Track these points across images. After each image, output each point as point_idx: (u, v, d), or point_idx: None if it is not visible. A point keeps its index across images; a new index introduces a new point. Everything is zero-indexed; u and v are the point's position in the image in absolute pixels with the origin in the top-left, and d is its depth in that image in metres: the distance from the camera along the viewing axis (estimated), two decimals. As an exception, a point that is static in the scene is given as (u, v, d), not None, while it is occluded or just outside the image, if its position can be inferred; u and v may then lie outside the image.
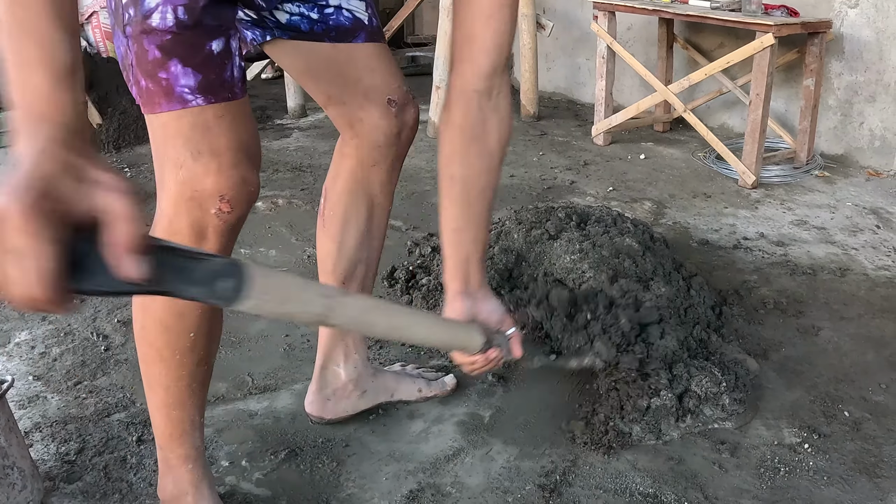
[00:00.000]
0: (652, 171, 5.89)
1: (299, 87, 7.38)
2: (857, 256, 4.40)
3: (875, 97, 5.85)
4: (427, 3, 8.63)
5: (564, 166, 5.98)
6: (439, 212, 2.05)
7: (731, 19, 5.43)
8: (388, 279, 3.96)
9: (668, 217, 4.96)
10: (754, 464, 2.75)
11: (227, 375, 3.25)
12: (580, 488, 2.62)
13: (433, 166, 5.93)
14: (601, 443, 2.78)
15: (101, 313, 3.74)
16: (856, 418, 2.99)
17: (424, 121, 6.96)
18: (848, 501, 2.57)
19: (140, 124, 6.50)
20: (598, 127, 6.50)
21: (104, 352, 3.43)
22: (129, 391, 3.15)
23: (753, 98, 5.36)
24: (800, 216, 4.99)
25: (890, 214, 5.00)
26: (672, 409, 2.87)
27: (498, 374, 3.21)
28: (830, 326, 3.66)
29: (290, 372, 3.28)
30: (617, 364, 2.90)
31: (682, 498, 2.57)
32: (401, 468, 2.71)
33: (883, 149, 5.86)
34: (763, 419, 2.98)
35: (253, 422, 2.96)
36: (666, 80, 6.50)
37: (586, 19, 7.10)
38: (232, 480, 2.66)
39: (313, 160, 6.10)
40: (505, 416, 3.00)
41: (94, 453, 2.79)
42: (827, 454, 2.79)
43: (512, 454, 2.78)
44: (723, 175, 5.75)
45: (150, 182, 5.55)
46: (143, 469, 2.71)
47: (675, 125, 6.94)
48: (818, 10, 5.96)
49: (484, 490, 2.61)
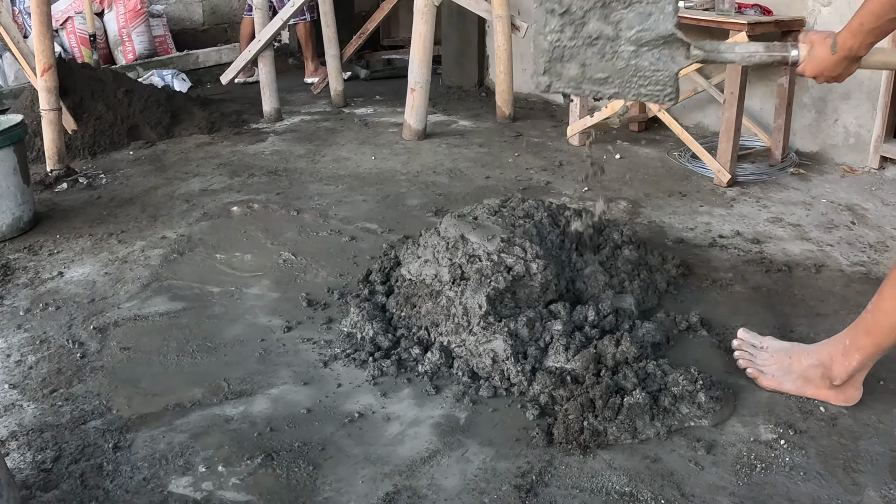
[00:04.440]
0: (627, 170, 5.89)
1: (275, 91, 7.38)
2: (833, 253, 4.41)
3: (849, 95, 5.86)
4: (403, 5, 8.62)
5: (540, 167, 5.98)
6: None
7: (705, 18, 5.44)
8: (364, 281, 3.96)
9: (644, 216, 4.96)
10: (731, 461, 2.75)
11: (202, 380, 3.24)
12: (556, 488, 2.62)
13: (409, 169, 5.95)
14: (577, 442, 2.78)
15: (76, 320, 3.73)
16: (832, 414, 2.99)
17: (399, 123, 6.96)
18: (825, 496, 2.58)
19: (115, 130, 6.48)
20: (573, 127, 6.49)
21: (80, 359, 3.42)
22: (106, 398, 3.13)
23: (728, 96, 5.36)
24: (775, 213, 4.99)
25: (865, 211, 5.01)
26: (647, 408, 2.88)
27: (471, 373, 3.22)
28: (806, 323, 3.67)
29: (265, 376, 3.27)
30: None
31: (659, 496, 2.58)
32: (377, 471, 2.71)
33: (857, 146, 5.87)
34: (739, 416, 2.98)
35: (229, 427, 2.95)
36: (641, 80, 6.49)
37: (561, 20, 7.08)
38: (208, 486, 2.65)
39: (289, 164, 6.08)
40: (481, 418, 2.99)
41: (70, 461, 2.78)
42: (803, 450, 2.80)
43: (488, 455, 2.78)
44: (698, 174, 5.76)
45: (126, 187, 5.54)
46: (120, 476, 2.70)
47: (650, 125, 6.94)
48: (791, 9, 5.97)
49: (460, 491, 2.61)
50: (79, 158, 6.21)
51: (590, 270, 3.71)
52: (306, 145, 6.63)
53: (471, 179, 5.72)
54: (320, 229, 4.76)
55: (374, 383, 3.21)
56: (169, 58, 9.37)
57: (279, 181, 5.69)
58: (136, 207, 5.18)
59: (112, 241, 4.63)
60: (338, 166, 6.05)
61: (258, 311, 3.82)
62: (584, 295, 3.63)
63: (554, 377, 3.07)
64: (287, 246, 4.50)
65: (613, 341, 3.22)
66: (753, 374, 3.18)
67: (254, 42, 7.25)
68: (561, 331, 3.27)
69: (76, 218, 5.01)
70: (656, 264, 4.00)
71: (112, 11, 9.08)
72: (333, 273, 4.20)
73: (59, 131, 5.83)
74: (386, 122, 7.36)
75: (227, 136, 6.91)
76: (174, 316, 3.79)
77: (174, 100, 7.21)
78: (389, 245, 4.34)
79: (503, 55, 7.14)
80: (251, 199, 5.27)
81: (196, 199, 5.31)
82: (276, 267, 4.28)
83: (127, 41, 9.06)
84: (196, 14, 10.47)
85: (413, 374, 3.27)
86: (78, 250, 4.51)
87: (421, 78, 6.56)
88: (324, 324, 3.69)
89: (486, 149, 6.48)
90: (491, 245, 3.55)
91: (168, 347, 3.51)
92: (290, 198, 5.32)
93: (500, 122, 7.35)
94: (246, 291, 4.02)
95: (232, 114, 7.51)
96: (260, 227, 4.79)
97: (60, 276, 4.19)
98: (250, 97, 7.99)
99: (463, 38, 8.79)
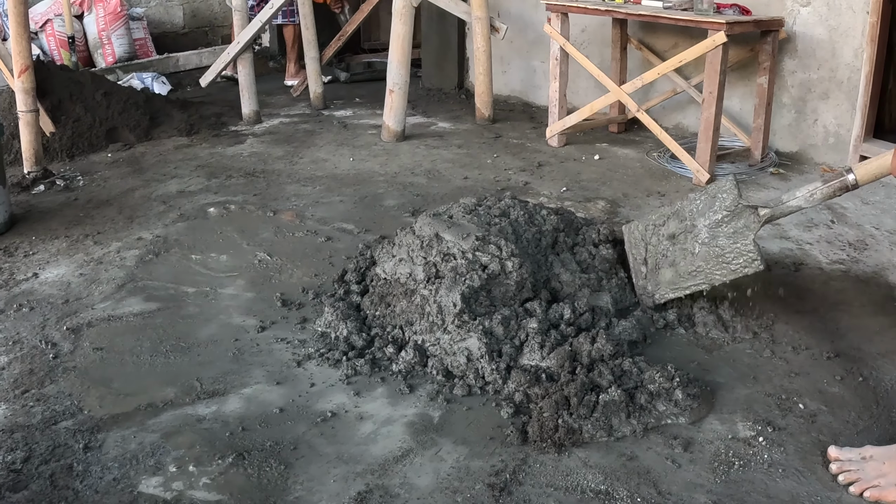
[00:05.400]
0: (606, 171, 5.89)
1: (254, 94, 7.35)
2: (812, 251, 4.41)
3: (828, 94, 5.87)
4: (383, 8, 8.60)
5: (519, 168, 5.97)
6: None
7: (683, 18, 5.43)
8: (339, 281, 3.94)
9: (622, 216, 4.95)
10: (708, 458, 2.74)
11: (175, 380, 3.21)
12: (531, 486, 2.60)
13: (387, 170, 5.93)
14: (552, 440, 2.76)
15: (50, 321, 3.70)
16: (811, 410, 2.99)
17: (379, 125, 6.94)
18: (804, 493, 2.57)
19: (93, 132, 6.44)
20: (553, 128, 6.49)
21: (52, 360, 3.39)
22: (77, 399, 3.10)
23: (706, 96, 5.36)
24: (754, 213, 4.99)
25: (844, 209, 5.01)
26: (623, 405, 2.86)
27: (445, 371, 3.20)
28: (785, 320, 3.66)
29: (239, 376, 3.25)
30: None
31: (635, 494, 2.56)
32: (349, 470, 2.68)
33: (837, 145, 5.88)
34: (717, 414, 2.97)
35: (201, 426, 2.93)
36: (620, 81, 6.49)
37: (541, 22, 7.08)
38: (179, 486, 2.62)
39: (267, 165, 6.06)
40: (455, 417, 2.98)
41: (40, 461, 2.75)
42: (782, 447, 2.79)
43: (461, 454, 2.76)
44: (677, 174, 5.75)
45: (103, 189, 5.50)
46: (90, 476, 2.67)
47: (630, 126, 6.94)
48: (770, 9, 5.97)
49: (433, 490, 2.59)
50: (56, 160, 6.17)
51: (566, 269, 3.70)
52: (285, 147, 6.60)
53: (449, 180, 5.71)
54: (296, 230, 4.74)
55: (347, 382, 3.19)
56: (149, 60, 9.32)
57: (257, 183, 5.66)
58: (112, 209, 5.15)
59: (88, 242, 4.60)
60: (316, 168, 6.03)
61: (232, 311, 3.80)
62: (561, 293, 3.61)
63: (529, 375, 3.05)
64: (263, 246, 4.48)
65: (589, 339, 3.21)
66: (874, 495, 2.58)
67: (233, 44, 7.23)
68: (536, 329, 3.25)
69: (53, 220, 4.97)
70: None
71: (92, 14, 9.03)
72: (309, 273, 4.17)
73: (37, 133, 5.80)
74: (365, 124, 7.35)
75: (205, 138, 6.88)
76: (148, 316, 3.76)
77: (153, 102, 7.18)
78: (365, 245, 4.32)
79: (482, 57, 7.13)
80: (228, 201, 5.24)
81: (173, 201, 5.28)
82: (251, 267, 4.26)
83: (107, 44, 9.01)
84: (176, 17, 10.43)
85: (387, 373, 3.26)
86: (53, 251, 4.47)
87: (399, 79, 6.54)
88: (298, 323, 3.67)
89: (464, 150, 6.47)
90: (466, 243, 3.53)
91: (141, 347, 3.48)
92: (267, 199, 5.29)
93: (479, 123, 7.35)
94: (221, 292, 3.99)
95: (211, 116, 7.48)
96: (236, 228, 4.77)
97: (35, 278, 4.15)
98: (230, 100, 7.96)
99: (443, 41, 8.79)
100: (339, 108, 8.10)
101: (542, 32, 6.57)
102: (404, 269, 3.61)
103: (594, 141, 6.65)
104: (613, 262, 3.84)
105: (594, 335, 3.23)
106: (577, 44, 6.91)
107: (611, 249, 3.89)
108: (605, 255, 3.84)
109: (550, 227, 3.85)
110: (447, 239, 3.58)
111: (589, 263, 3.80)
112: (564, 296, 3.60)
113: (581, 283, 3.64)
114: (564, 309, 3.42)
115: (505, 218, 3.78)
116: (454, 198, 4.78)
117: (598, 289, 3.67)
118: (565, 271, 3.67)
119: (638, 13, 5.79)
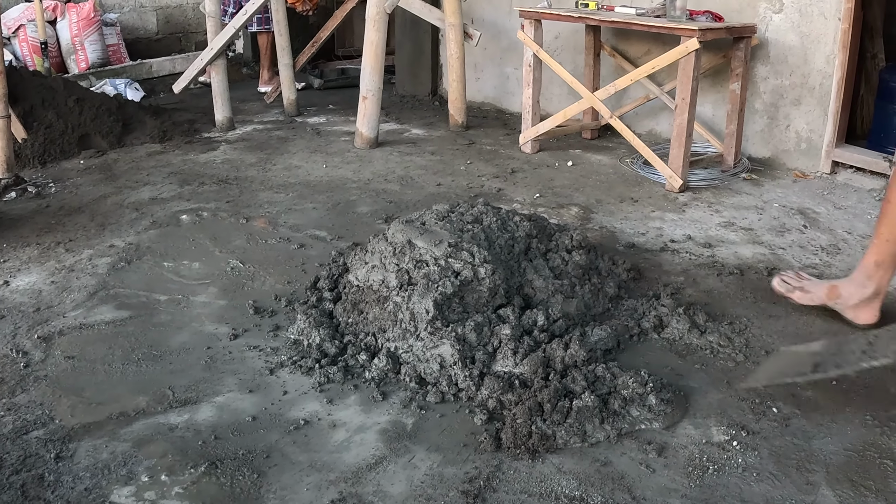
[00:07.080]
0: (579, 177, 5.90)
1: (228, 101, 7.33)
2: (785, 256, 4.43)
3: (800, 100, 5.89)
4: (357, 15, 8.58)
5: (492, 174, 5.97)
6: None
7: (656, 25, 5.44)
8: (311, 289, 3.92)
9: (595, 222, 4.95)
10: (682, 463, 2.74)
11: (147, 389, 3.18)
12: (505, 493, 2.59)
13: (360, 177, 5.92)
14: (526, 447, 2.76)
15: (21, 329, 3.66)
16: (785, 414, 3.00)
17: (352, 132, 6.93)
18: (778, 497, 2.58)
19: (66, 139, 6.41)
20: (526, 135, 6.49)
21: (24, 368, 3.35)
22: (49, 408, 3.07)
23: (679, 102, 5.37)
24: (727, 218, 5.01)
25: (817, 214, 5.03)
26: (596, 411, 2.86)
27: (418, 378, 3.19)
28: (759, 324, 3.67)
29: (211, 384, 3.22)
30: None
31: (609, 499, 2.56)
32: (322, 478, 2.67)
33: (809, 151, 5.90)
34: (691, 418, 2.98)
35: (173, 435, 2.90)
36: (593, 88, 6.51)
37: (514, 28, 7.09)
38: (151, 496, 2.59)
39: (239, 172, 6.04)
40: (428, 424, 2.96)
41: (11, 472, 2.71)
42: (756, 451, 2.79)
43: (435, 461, 2.75)
44: (650, 180, 5.77)
45: (75, 196, 5.47)
46: (61, 486, 2.64)
47: (603, 132, 6.96)
48: (743, 16, 6.00)
49: (406, 498, 2.57)
50: (28, 167, 6.12)
51: (539, 275, 3.69)
52: (258, 154, 6.58)
53: (422, 187, 5.70)
54: (269, 237, 4.72)
55: (320, 390, 3.16)
56: (122, 67, 9.29)
57: (229, 189, 5.64)
58: (84, 216, 5.11)
59: (59, 249, 4.56)
60: (289, 175, 6.01)
61: (205, 319, 3.77)
62: (534, 299, 3.61)
63: (502, 381, 3.05)
64: (235, 254, 4.46)
65: (562, 345, 3.20)
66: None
67: (206, 50, 7.19)
68: (509, 335, 3.24)
69: (24, 227, 4.93)
70: (607, 269, 3.99)
71: (65, 20, 8.99)
72: (281, 280, 4.15)
73: (9, 139, 5.75)
74: (338, 131, 7.34)
75: (178, 145, 6.85)
76: (120, 324, 3.73)
77: (126, 109, 7.13)
78: (338, 252, 4.31)
79: (456, 63, 7.13)
80: (201, 208, 5.21)
81: (145, 208, 5.24)
82: (223, 275, 4.24)
83: (80, 50, 8.98)
84: (150, 23, 10.41)
85: (360, 380, 3.24)
86: (24, 259, 4.44)
87: (373, 85, 6.54)
88: (270, 331, 3.65)
89: (438, 156, 6.47)
90: (438, 250, 3.52)
91: (113, 356, 3.45)
92: (240, 206, 5.27)
93: (452, 130, 7.36)
94: (193, 299, 3.97)
95: (184, 123, 7.44)
96: (209, 236, 4.74)
97: (6, 286, 4.12)
98: (203, 106, 7.94)
99: (416, 48, 8.79)
100: (312, 114, 8.09)
101: (516, 39, 6.57)
102: (377, 275, 3.60)
103: (567, 147, 6.66)
104: (586, 267, 3.85)
105: (567, 341, 3.22)
106: (550, 50, 6.93)
107: (584, 255, 3.89)
108: (578, 261, 3.84)
109: (523, 234, 3.85)
110: (420, 245, 3.58)
111: (562, 269, 3.80)
112: (538, 302, 3.60)
113: (554, 289, 3.64)
114: (538, 315, 3.42)
115: (478, 224, 3.77)
116: (427, 204, 4.78)
117: (570, 295, 3.66)
118: (538, 277, 3.67)
119: (611, 20, 5.81)
